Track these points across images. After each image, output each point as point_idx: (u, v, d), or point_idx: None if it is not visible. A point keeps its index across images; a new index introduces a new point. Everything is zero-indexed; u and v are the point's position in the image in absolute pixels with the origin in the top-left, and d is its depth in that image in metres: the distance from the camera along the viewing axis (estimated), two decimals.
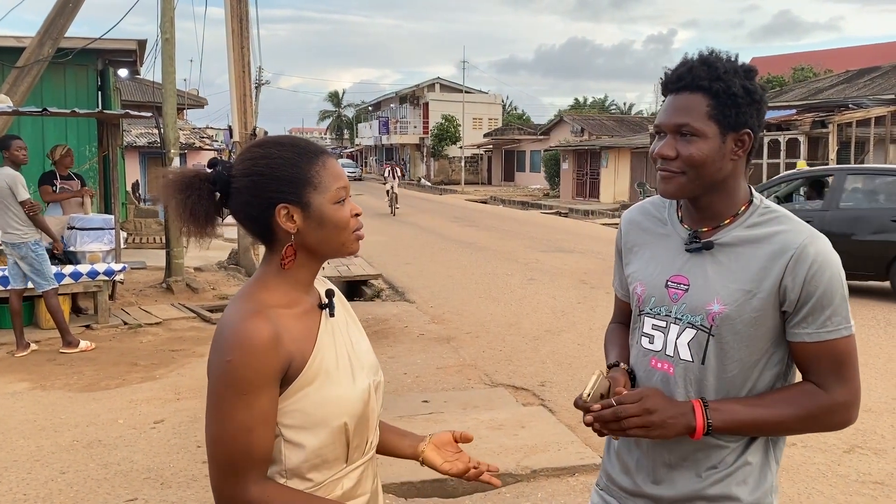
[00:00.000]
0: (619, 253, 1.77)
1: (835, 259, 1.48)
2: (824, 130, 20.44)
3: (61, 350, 6.72)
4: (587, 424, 1.51)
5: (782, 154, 20.91)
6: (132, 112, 9.55)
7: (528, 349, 7.04)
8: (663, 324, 1.57)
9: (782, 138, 21.00)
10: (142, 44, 11.34)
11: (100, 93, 10.79)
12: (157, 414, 5.15)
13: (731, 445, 1.52)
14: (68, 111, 8.34)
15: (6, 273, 6.76)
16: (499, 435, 4.69)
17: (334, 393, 1.37)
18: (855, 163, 20.69)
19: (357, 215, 1.44)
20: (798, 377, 1.57)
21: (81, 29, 47.71)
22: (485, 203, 32.44)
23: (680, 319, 1.54)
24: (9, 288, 6.75)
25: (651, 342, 1.59)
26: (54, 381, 5.93)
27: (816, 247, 1.47)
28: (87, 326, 7.65)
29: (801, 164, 16.93)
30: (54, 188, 7.87)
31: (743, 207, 1.54)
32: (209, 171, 1.41)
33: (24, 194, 6.52)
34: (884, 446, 4.57)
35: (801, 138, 20.60)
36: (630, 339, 1.70)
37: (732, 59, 1.50)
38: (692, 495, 1.54)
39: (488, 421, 4.96)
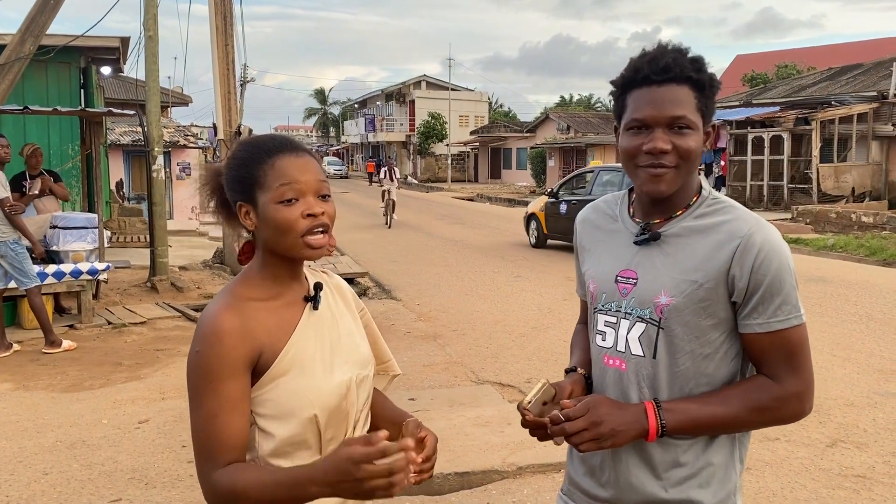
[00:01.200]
0: (576, 254, 1.76)
1: (782, 247, 1.46)
2: (807, 127, 20.60)
3: (44, 350, 6.66)
4: (525, 427, 1.50)
5: (766, 151, 21.07)
6: (115, 110, 9.46)
7: (515, 346, 7.06)
8: (614, 319, 1.54)
9: (766, 135, 21.15)
10: (125, 41, 11.24)
11: (82, 91, 10.68)
12: (142, 414, 5.12)
13: (688, 443, 1.49)
14: (50, 109, 8.27)
15: None
16: (485, 432, 4.70)
17: (306, 385, 1.38)
18: (837, 160, 20.89)
19: (311, 215, 1.37)
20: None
21: (63, 26, 47.36)
22: (471, 200, 32.43)
23: (630, 314, 1.52)
24: None
25: (604, 339, 1.57)
26: (37, 381, 5.88)
27: (763, 235, 1.44)
28: (71, 326, 7.59)
29: (595, 163, 22.68)
30: (23, 188, 7.75)
31: (694, 198, 1.53)
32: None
33: (4, 193, 6.47)
34: (866, 440, 4.61)
35: (785, 135, 20.76)
36: (589, 338, 1.67)
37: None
38: (653, 499, 1.50)
39: (475, 418, 4.97)
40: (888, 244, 13.33)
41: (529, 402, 1.48)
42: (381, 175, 22.03)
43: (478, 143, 46.58)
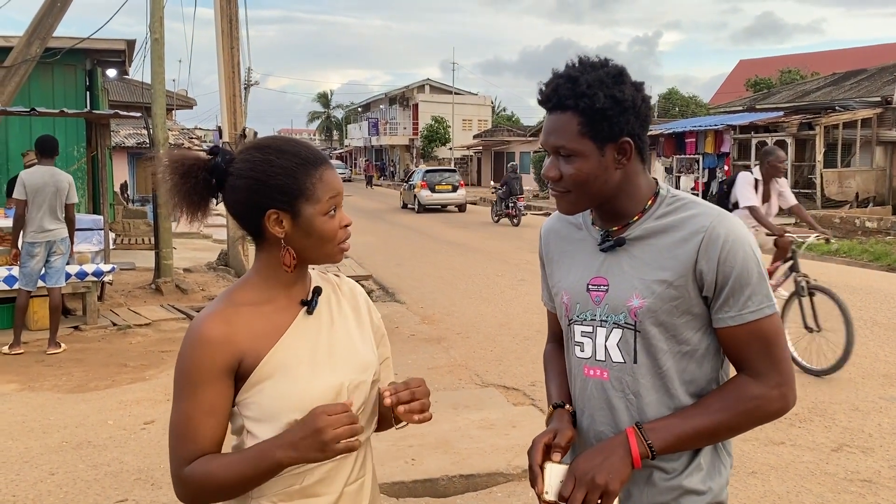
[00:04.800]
0: (542, 263, 1.73)
1: (746, 238, 1.45)
2: (811, 132, 20.60)
3: (48, 351, 6.68)
4: None
5: None
6: (121, 112, 9.50)
7: (519, 349, 7.06)
8: (590, 329, 1.53)
9: (770, 140, 21.14)
10: (130, 44, 11.27)
11: (88, 93, 10.72)
12: (148, 415, 5.13)
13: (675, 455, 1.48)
14: (57, 111, 8.31)
15: (20, 273, 6.74)
16: (490, 434, 4.70)
17: (288, 389, 1.39)
18: (841, 165, 20.89)
19: (346, 226, 1.46)
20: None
21: (70, 29, 47.59)
22: (474, 204, 32.41)
23: (605, 321, 1.51)
24: (24, 289, 6.73)
25: (582, 350, 1.56)
26: (42, 382, 5.89)
27: (726, 226, 1.44)
28: (76, 327, 7.60)
29: (422, 165, 27.69)
30: None
31: (650, 202, 1.52)
32: (209, 157, 1.44)
33: (76, 198, 6.89)
34: (871, 445, 4.60)
35: (789, 140, 20.75)
36: (565, 353, 1.65)
37: (600, 65, 1.46)
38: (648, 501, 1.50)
39: (479, 421, 4.97)
40: (892, 249, 13.31)
41: (547, 493, 1.44)
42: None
43: (481, 147, 46.56)
